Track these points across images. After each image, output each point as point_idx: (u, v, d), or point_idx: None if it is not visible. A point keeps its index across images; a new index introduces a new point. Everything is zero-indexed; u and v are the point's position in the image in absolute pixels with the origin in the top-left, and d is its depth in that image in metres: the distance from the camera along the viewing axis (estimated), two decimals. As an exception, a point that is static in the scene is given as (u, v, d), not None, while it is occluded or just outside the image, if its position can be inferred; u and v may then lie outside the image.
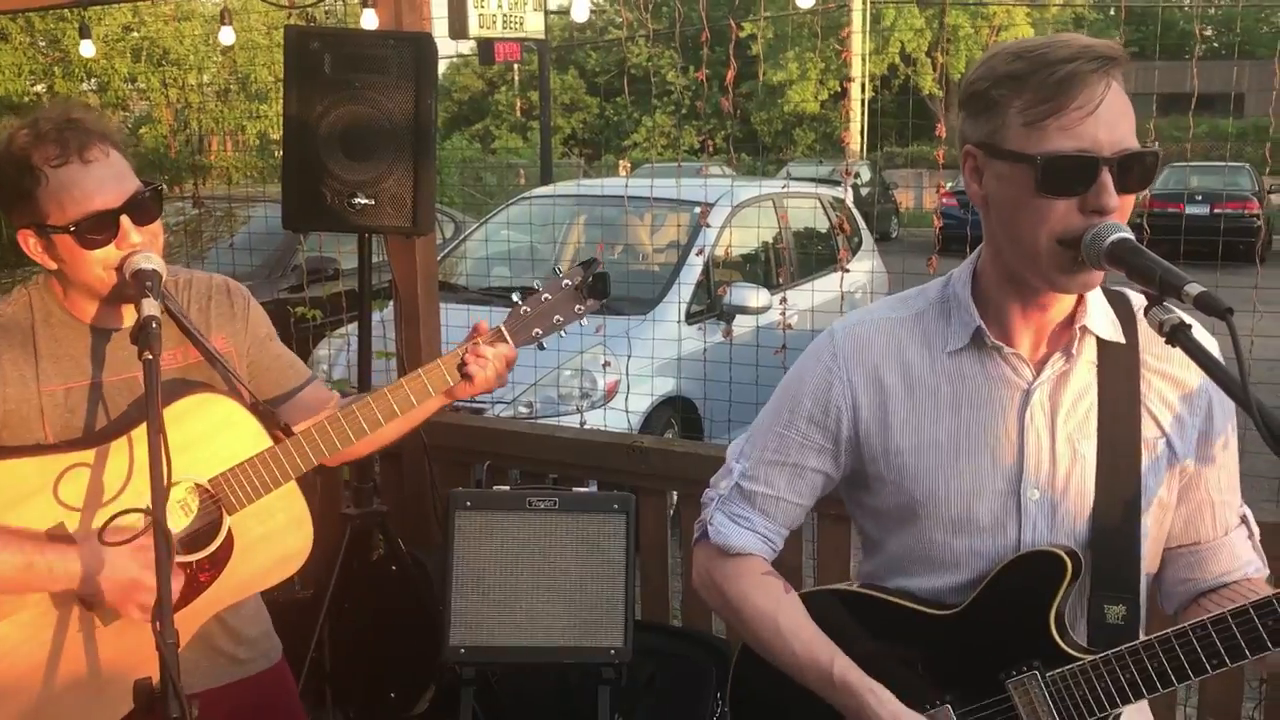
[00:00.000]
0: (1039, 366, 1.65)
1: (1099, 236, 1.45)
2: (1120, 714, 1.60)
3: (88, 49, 8.53)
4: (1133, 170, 1.48)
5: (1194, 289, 1.34)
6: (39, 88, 15.52)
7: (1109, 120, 1.47)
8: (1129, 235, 1.45)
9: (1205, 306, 1.34)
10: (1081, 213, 1.48)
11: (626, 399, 5.21)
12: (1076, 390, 1.65)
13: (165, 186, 2.09)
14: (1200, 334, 1.48)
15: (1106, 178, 1.46)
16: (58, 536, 1.97)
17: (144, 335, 1.85)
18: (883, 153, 26.63)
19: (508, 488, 3.23)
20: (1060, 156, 1.47)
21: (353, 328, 4.53)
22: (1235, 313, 1.34)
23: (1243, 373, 1.35)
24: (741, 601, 1.82)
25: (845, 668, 1.70)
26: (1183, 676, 1.53)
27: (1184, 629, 1.52)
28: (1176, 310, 1.43)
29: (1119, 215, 1.49)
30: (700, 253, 6.32)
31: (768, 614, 1.78)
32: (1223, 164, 19.90)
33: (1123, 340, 1.65)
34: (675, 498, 3.91)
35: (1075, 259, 1.49)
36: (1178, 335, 1.40)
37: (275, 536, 2.15)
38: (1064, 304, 1.64)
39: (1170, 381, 1.66)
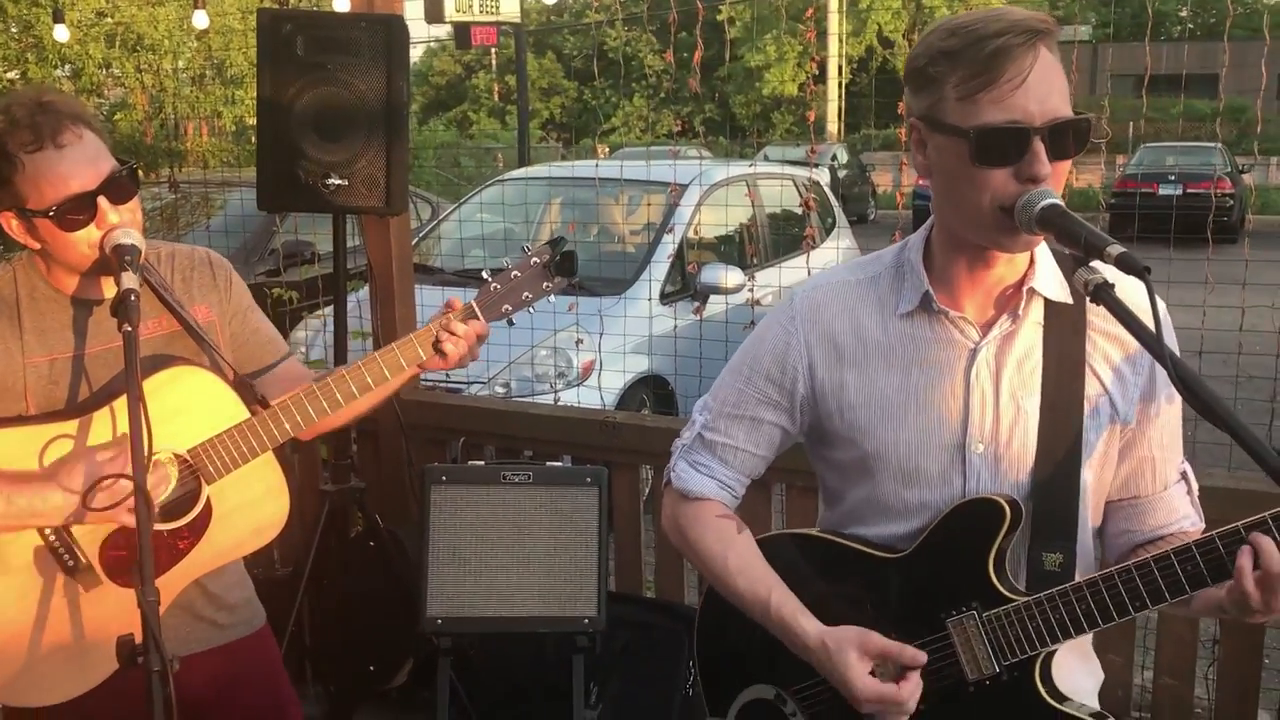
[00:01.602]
0: (986, 328, 1.73)
1: (1030, 204, 1.53)
2: (1055, 651, 1.68)
3: (61, 34, 8.51)
4: (1065, 137, 1.56)
5: (1115, 249, 1.43)
6: (12, 74, 15.41)
7: (1038, 92, 1.54)
8: (1058, 201, 1.53)
9: (1125, 266, 1.42)
10: (1017, 180, 1.56)
11: (599, 377, 5.27)
12: (1022, 350, 1.73)
13: (141, 170, 2.13)
14: (1162, 307, 1.56)
15: (1038, 146, 1.54)
16: (32, 475, 2.00)
17: (123, 308, 1.91)
18: (860, 135, 26.71)
19: (482, 463, 3.29)
20: (992, 129, 1.54)
21: (330, 310, 4.57)
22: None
23: (1158, 327, 1.43)
24: (697, 541, 1.93)
25: (781, 600, 1.79)
26: (1108, 617, 1.61)
27: (1110, 573, 1.60)
28: (1101, 271, 1.50)
29: (1054, 180, 1.57)
30: (672, 231, 6.37)
31: (718, 553, 1.89)
32: (1196, 144, 20.05)
33: (1069, 301, 1.72)
34: (648, 472, 3.98)
35: (1013, 224, 1.57)
36: (1100, 294, 1.48)
37: (252, 506, 2.20)
38: (1012, 266, 1.71)
39: (1114, 341, 1.73)
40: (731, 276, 6.10)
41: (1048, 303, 1.72)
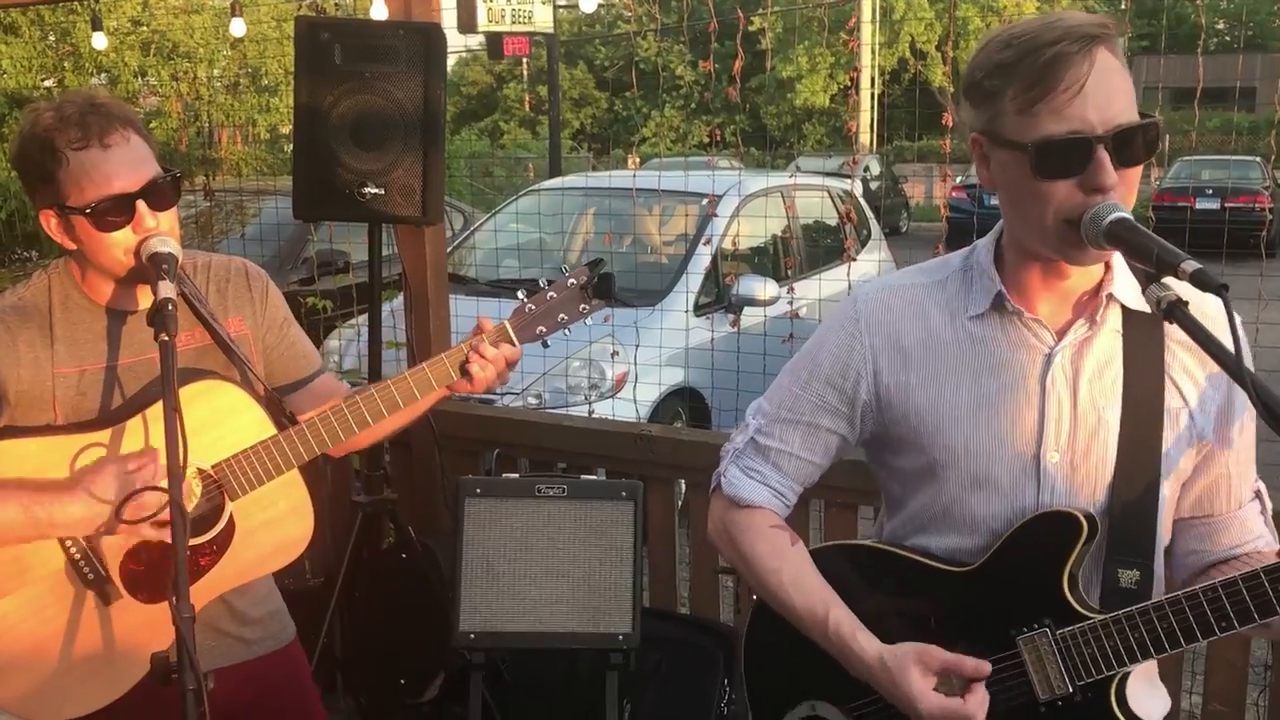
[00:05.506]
0: (1061, 333, 1.68)
1: (1097, 217, 1.48)
2: (1129, 673, 1.62)
3: (100, 41, 8.54)
4: (1131, 143, 1.50)
5: (1190, 265, 1.37)
6: (49, 82, 15.54)
7: (1097, 99, 1.48)
8: (1126, 215, 1.47)
9: (1200, 282, 1.36)
10: (1082, 191, 1.50)
11: (634, 389, 5.23)
12: (1101, 357, 1.67)
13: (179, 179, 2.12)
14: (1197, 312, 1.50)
15: (1102, 155, 1.48)
16: (54, 485, 1.98)
17: (160, 317, 1.89)
18: (893, 147, 26.61)
19: (517, 475, 3.25)
20: (1052, 141, 1.49)
21: (363, 319, 4.56)
22: (1241, 302, 1.36)
23: (1237, 347, 1.37)
24: (750, 552, 1.86)
25: (839, 619, 1.74)
26: (1191, 638, 1.55)
27: (1195, 591, 1.54)
28: (1174, 287, 1.44)
29: (1123, 188, 1.51)
30: (708, 243, 6.34)
31: (773, 565, 1.83)
32: (1234, 157, 19.85)
33: (1147, 309, 1.65)
34: (683, 486, 3.93)
35: (1079, 238, 1.51)
36: (1173, 311, 1.42)
37: (276, 524, 2.17)
38: (1088, 274, 1.66)
39: (1193, 354, 1.67)
40: (767, 288, 6.06)
41: (1126, 310, 1.67)
